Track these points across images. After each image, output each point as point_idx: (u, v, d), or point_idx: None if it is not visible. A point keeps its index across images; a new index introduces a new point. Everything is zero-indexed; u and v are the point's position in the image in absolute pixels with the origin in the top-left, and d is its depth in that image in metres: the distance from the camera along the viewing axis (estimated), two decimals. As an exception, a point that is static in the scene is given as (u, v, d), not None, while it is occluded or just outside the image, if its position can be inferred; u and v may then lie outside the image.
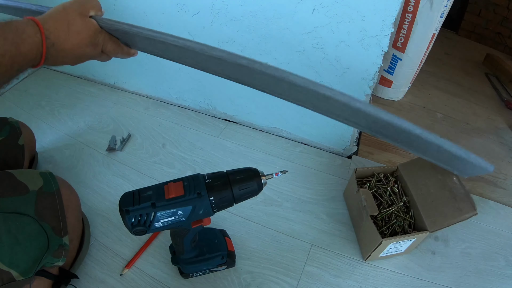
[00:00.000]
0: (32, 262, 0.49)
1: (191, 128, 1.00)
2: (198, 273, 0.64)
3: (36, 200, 0.52)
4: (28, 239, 0.49)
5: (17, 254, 0.47)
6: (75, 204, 0.62)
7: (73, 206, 0.61)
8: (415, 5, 0.90)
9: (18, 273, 0.47)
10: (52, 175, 0.58)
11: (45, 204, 0.53)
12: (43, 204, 0.53)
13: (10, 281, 0.46)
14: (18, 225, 0.49)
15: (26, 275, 0.48)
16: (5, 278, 0.46)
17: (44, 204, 0.53)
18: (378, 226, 0.67)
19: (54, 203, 0.55)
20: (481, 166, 0.50)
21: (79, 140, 0.94)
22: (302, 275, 0.66)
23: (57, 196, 0.55)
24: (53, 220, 0.53)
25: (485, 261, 0.71)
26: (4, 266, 0.46)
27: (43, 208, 0.53)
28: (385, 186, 0.73)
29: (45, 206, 0.53)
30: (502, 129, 1.09)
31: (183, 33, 0.86)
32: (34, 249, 0.49)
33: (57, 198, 0.55)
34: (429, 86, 1.27)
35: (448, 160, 0.52)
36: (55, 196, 0.55)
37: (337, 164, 0.90)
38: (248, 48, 0.81)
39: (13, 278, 0.46)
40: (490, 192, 0.87)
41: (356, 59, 0.72)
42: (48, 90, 1.12)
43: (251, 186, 0.49)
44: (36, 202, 0.52)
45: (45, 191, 0.54)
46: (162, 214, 0.47)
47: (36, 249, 0.50)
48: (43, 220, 0.51)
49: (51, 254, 0.51)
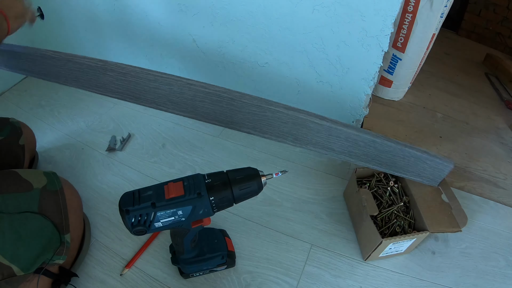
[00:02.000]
0: (34, 258, 0.49)
1: (191, 128, 1.00)
2: (198, 273, 0.64)
3: (39, 197, 0.53)
4: (31, 235, 0.50)
5: (19, 250, 0.48)
6: (77, 205, 0.63)
7: (75, 206, 0.61)
8: (415, 5, 0.90)
9: (19, 268, 0.47)
10: (56, 175, 0.59)
11: (49, 201, 0.54)
12: (47, 201, 0.54)
13: (10, 276, 0.46)
14: (21, 221, 0.49)
15: (26, 271, 0.48)
16: (5, 272, 0.46)
17: (48, 201, 0.54)
18: (378, 226, 0.67)
19: (57, 201, 0.55)
20: (438, 167, 0.51)
21: (79, 140, 0.94)
22: (302, 275, 0.66)
23: (60, 195, 0.56)
24: (56, 217, 0.54)
25: (485, 261, 0.71)
26: (6, 260, 0.46)
27: (47, 205, 0.53)
28: (385, 186, 0.73)
29: (48, 203, 0.54)
30: (502, 129, 1.09)
31: (183, 33, 0.86)
32: (36, 245, 0.50)
33: (60, 196, 0.56)
34: (429, 86, 1.27)
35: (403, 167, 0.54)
36: (58, 195, 0.56)
37: (337, 164, 0.90)
38: (248, 48, 0.81)
39: (13, 273, 0.47)
40: (490, 192, 0.87)
41: (356, 59, 0.72)
42: (48, 90, 1.12)
43: (251, 186, 0.49)
44: (39, 199, 0.53)
45: (49, 189, 0.55)
46: (162, 214, 0.47)
47: (38, 245, 0.50)
48: (46, 217, 0.52)
49: (52, 251, 0.52)
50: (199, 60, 0.91)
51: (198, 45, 0.87)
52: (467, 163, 0.95)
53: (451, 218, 0.63)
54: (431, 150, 0.60)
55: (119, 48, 1.02)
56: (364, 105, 0.80)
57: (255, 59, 0.82)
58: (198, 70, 0.95)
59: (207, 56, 0.88)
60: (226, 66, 0.88)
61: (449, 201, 0.66)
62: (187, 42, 0.88)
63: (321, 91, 0.81)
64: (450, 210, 0.65)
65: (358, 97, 0.78)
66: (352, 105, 0.81)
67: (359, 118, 0.83)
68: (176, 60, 0.97)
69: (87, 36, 1.05)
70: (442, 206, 0.66)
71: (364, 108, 0.80)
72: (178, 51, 0.92)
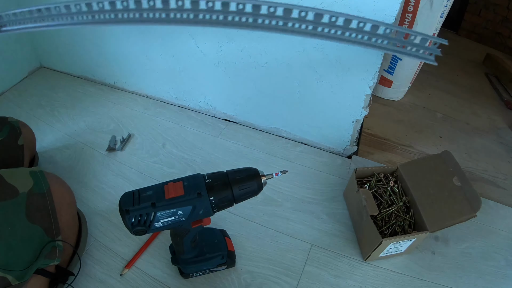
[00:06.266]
0: (26, 266, 0.49)
1: (191, 128, 1.00)
2: (198, 273, 0.64)
3: (26, 203, 0.52)
4: (21, 243, 0.49)
5: (11, 259, 0.47)
6: (69, 201, 0.62)
7: (67, 203, 0.60)
8: (415, 5, 0.90)
9: (13, 277, 0.47)
10: (42, 173, 0.57)
11: (36, 206, 0.53)
12: (34, 206, 0.52)
13: (6, 285, 0.46)
14: (10, 230, 0.49)
15: (21, 279, 0.48)
16: (1, 283, 0.46)
17: (35, 206, 0.52)
18: (378, 226, 0.67)
19: (45, 204, 0.54)
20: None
21: (79, 140, 0.94)
22: (302, 275, 0.66)
23: (48, 196, 0.55)
24: (44, 222, 0.53)
25: (485, 261, 0.71)
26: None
27: (34, 210, 0.52)
28: (385, 186, 0.73)
29: (36, 208, 0.52)
30: (502, 129, 1.09)
31: (182, 32, 0.86)
32: (27, 253, 0.49)
33: (48, 199, 0.54)
34: (429, 86, 1.27)
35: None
36: (45, 197, 0.54)
37: (337, 164, 0.90)
38: (248, 48, 0.81)
39: (9, 283, 0.47)
40: (490, 192, 0.87)
41: (356, 59, 0.72)
42: (48, 90, 1.12)
43: (251, 186, 0.49)
44: (26, 205, 0.51)
45: (35, 192, 0.54)
46: (162, 214, 0.47)
47: (29, 253, 0.50)
48: (34, 223, 0.51)
49: (44, 257, 0.51)
50: (199, 60, 0.91)
51: (198, 45, 0.87)
52: (467, 163, 0.95)
53: (463, 205, 0.62)
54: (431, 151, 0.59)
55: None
56: (364, 105, 0.80)
57: (254, 59, 0.82)
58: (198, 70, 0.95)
59: (206, 56, 0.88)
60: (226, 66, 0.88)
61: (461, 184, 0.65)
62: (187, 42, 0.88)
63: (321, 91, 0.81)
64: (462, 196, 0.63)
65: (358, 97, 0.78)
66: (352, 105, 0.81)
67: (359, 118, 0.83)
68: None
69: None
70: (450, 195, 0.65)
71: (364, 108, 0.80)
72: (178, 51, 0.92)
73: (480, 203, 0.62)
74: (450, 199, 0.65)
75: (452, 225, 0.62)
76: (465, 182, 0.66)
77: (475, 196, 0.63)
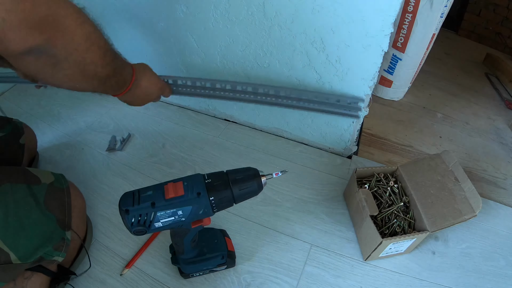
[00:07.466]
0: (33, 249, 0.49)
1: (191, 128, 1.00)
2: (198, 273, 0.64)
3: (46, 191, 0.54)
4: (33, 225, 0.50)
5: (20, 238, 0.48)
6: (81, 206, 0.64)
7: (79, 208, 0.62)
8: (415, 5, 0.90)
9: (16, 256, 0.47)
10: (64, 176, 0.61)
11: (54, 196, 0.55)
12: (52, 196, 0.55)
13: (6, 262, 0.46)
14: (26, 210, 0.50)
15: (24, 260, 0.48)
16: (2, 258, 0.46)
17: (53, 196, 0.55)
18: (378, 226, 0.67)
19: (62, 198, 0.56)
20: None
21: (79, 140, 0.94)
22: (302, 275, 0.66)
23: (66, 193, 0.57)
24: (59, 213, 0.55)
25: (485, 261, 0.71)
26: (5, 246, 0.46)
27: (52, 199, 0.54)
28: (385, 186, 0.73)
29: (53, 198, 0.55)
30: (502, 129, 1.09)
31: (183, 33, 0.86)
32: (37, 236, 0.50)
33: (66, 194, 0.57)
34: (429, 86, 1.27)
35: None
36: (64, 192, 0.57)
37: (337, 164, 0.90)
38: (249, 48, 0.81)
39: (9, 261, 0.47)
40: (490, 192, 0.87)
41: (356, 59, 0.72)
42: (48, 90, 1.12)
43: (251, 186, 0.49)
44: (45, 193, 0.54)
45: (56, 186, 0.57)
46: (162, 214, 0.47)
47: (39, 236, 0.50)
48: (50, 211, 0.53)
49: (52, 245, 0.52)
50: (200, 60, 0.91)
51: (198, 46, 0.87)
52: (467, 163, 0.95)
53: (463, 205, 0.62)
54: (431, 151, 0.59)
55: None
56: (364, 105, 0.80)
57: (255, 60, 0.82)
58: (198, 70, 0.94)
59: (207, 57, 0.88)
60: (226, 67, 0.88)
61: (461, 184, 0.65)
62: (187, 42, 0.88)
63: (321, 91, 0.81)
64: (462, 196, 0.64)
65: (358, 97, 0.78)
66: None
67: (359, 118, 0.83)
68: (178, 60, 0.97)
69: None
70: (450, 195, 0.65)
71: (364, 108, 0.80)
72: (179, 51, 0.92)
73: (480, 203, 0.62)
74: (450, 199, 0.65)
75: (452, 225, 0.62)
76: (465, 182, 0.66)
77: (475, 196, 0.63)
